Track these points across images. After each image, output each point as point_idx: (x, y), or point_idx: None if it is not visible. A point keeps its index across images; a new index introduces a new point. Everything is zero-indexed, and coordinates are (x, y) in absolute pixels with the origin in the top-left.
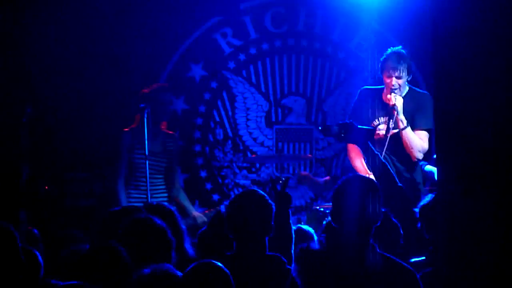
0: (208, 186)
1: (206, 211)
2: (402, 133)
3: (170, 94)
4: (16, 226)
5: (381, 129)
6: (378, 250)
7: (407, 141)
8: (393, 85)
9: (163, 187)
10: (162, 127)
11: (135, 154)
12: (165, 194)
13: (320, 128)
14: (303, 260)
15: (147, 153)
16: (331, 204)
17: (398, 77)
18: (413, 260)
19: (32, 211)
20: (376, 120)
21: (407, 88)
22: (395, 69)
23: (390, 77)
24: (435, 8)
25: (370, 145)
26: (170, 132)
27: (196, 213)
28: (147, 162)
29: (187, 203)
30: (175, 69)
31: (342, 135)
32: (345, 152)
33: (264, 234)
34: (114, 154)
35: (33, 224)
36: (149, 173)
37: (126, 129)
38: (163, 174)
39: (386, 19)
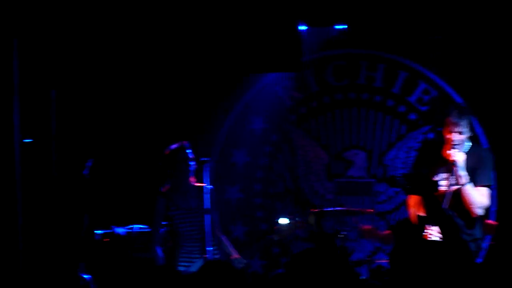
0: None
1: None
2: (462, 189)
3: (189, 152)
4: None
5: (442, 185)
6: None
7: (467, 197)
8: (454, 141)
9: (200, 241)
10: (193, 182)
11: (172, 215)
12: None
13: (386, 178)
14: None
15: (208, 206)
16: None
17: (460, 133)
18: None
19: (91, 262)
20: (437, 176)
21: (468, 143)
22: (457, 124)
23: (451, 132)
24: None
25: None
26: (202, 185)
27: (235, 255)
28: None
29: (228, 249)
30: (236, 121)
31: (408, 186)
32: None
33: None
34: (150, 221)
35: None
36: (188, 229)
37: (160, 195)
38: (200, 228)
39: (446, 73)
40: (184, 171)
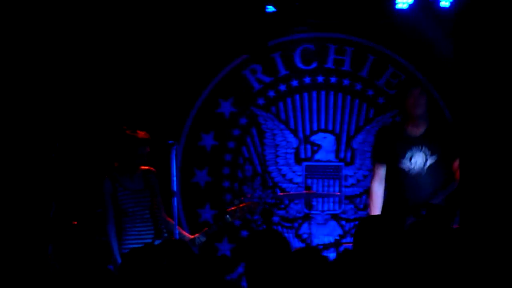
0: (237, 222)
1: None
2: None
3: (147, 142)
4: (45, 260)
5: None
6: None
7: None
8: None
9: (150, 221)
10: (139, 165)
11: (119, 196)
12: (152, 228)
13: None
14: None
15: (175, 189)
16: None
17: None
18: None
19: (60, 245)
20: (408, 154)
21: None
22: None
23: (415, 106)
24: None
25: None
26: (147, 168)
27: (188, 236)
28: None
29: (177, 230)
30: (204, 105)
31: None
32: None
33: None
34: (99, 202)
35: (60, 259)
36: (135, 209)
37: (106, 176)
38: (149, 208)
39: (413, 56)
40: (131, 154)
